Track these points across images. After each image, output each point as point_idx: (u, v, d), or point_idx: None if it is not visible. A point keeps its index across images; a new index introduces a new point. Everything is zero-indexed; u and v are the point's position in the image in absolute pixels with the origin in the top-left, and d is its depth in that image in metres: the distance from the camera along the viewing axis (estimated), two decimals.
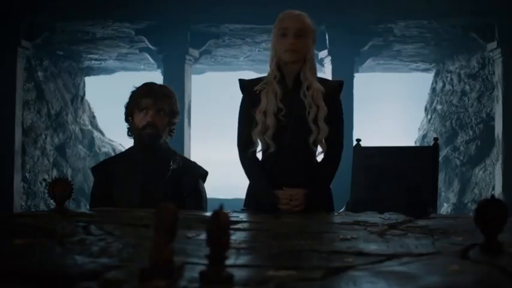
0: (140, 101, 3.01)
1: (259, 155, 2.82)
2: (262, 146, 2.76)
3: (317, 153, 2.77)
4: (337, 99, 2.82)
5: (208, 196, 3.16)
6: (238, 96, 2.88)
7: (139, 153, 3.07)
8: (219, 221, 1.05)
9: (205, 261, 1.10)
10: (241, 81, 2.84)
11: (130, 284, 1.05)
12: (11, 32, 7.51)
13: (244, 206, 2.85)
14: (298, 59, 2.75)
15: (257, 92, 2.74)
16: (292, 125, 2.72)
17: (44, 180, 8.40)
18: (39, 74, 9.33)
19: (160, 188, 2.94)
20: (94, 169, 3.26)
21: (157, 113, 3.01)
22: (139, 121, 3.02)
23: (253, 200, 2.84)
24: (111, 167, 3.14)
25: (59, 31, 8.16)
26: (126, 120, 3.12)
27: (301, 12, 2.82)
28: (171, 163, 2.94)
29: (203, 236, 1.65)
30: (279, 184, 2.70)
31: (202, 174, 3.15)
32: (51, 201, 2.32)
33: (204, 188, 3.14)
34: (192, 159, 3.80)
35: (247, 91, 2.80)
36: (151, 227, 1.81)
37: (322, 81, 2.82)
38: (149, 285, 1.01)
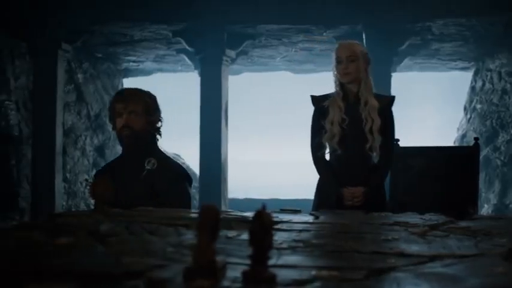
0: (114, 108, 3.23)
1: (327, 157, 3.37)
2: (330, 149, 3.34)
3: (372, 157, 3.30)
4: (388, 112, 3.34)
5: (244, 196, 3.19)
6: (275, 96, 3.18)
7: (123, 155, 3.28)
8: (262, 221, 1.06)
9: (247, 261, 1.10)
10: (312, 97, 3.43)
11: (174, 283, 1.06)
12: (52, 35, 7.65)
13: (313, 206, 3.32)
14: (353, 80, 3.30)
15: (325, 106, 3.32)
16: (353, 133, 3.27)
17: (86, 180, 8.54)
18: (79, 76, 9.48)
19: (138, 188, 3.04)
20: (97, 174, 3.45)
21: (130, 114, 3.17)
22: (118, 126, 3.23)
23: (322, 196, 3.35)
24: (111, 170, 3.28)
25: (97, 34, 8.28)
26: (113, 128, 3.32)
27: (352, 41, 3.48)
28: (146, 164, 3.08)
29: (244, 236, 1.66)
30: (342, 181, 3.27)
31: (181, 175, 3.18)
32: (92, 201, 2.36)
33: (186, 190, 3.18)
34: (229, 160, 3.87)
35: (317, 105, 3.40)
36: (191, 226, 1.83)
37: (377, 96, 3.36)
38: (193, 285, 1.02)
